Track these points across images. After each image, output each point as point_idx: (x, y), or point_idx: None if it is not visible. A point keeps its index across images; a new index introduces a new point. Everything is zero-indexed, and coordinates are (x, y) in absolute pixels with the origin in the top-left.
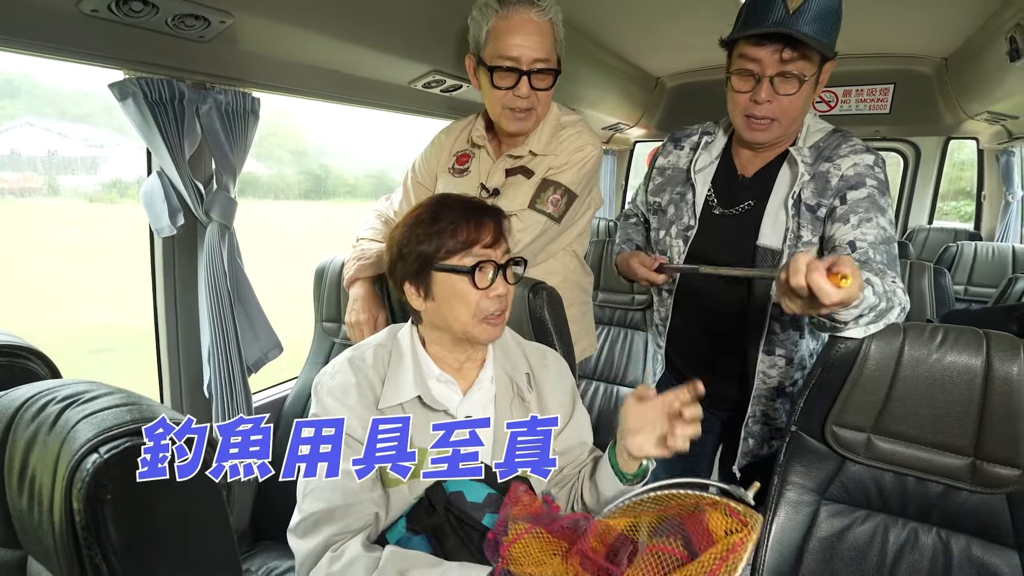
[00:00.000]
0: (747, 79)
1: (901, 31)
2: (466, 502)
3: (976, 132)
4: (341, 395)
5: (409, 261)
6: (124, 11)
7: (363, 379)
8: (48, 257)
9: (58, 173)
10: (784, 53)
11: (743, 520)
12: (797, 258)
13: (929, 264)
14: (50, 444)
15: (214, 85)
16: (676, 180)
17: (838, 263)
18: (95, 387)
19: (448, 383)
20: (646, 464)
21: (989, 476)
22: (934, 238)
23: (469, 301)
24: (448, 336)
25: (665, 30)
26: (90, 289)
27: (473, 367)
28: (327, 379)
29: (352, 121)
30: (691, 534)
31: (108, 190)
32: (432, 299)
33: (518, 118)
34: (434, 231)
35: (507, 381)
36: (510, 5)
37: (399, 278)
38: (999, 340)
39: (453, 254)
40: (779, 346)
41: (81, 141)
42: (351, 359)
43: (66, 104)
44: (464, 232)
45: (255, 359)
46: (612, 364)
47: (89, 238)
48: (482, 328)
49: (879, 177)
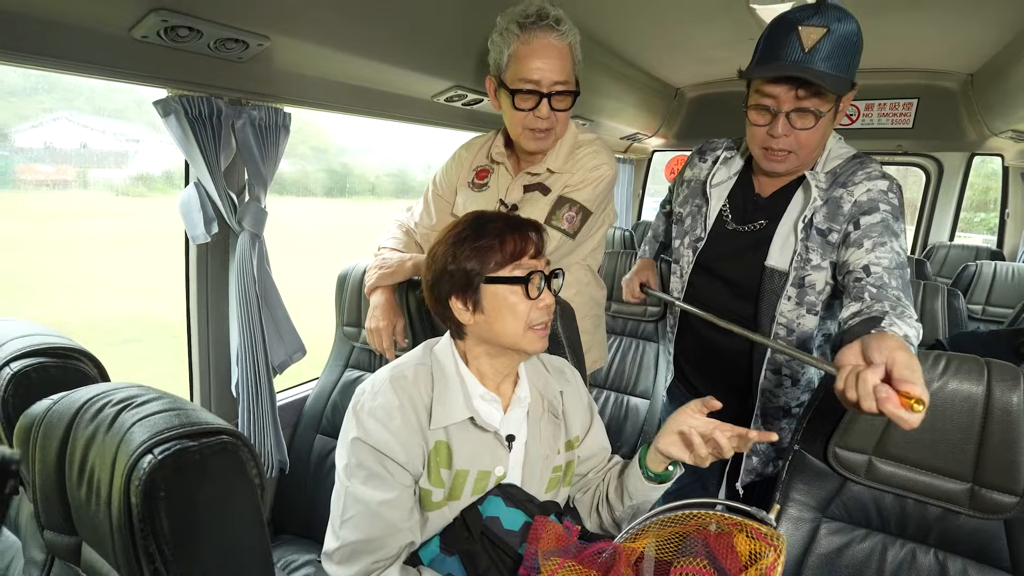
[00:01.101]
0: (763, 114)
1: (926, 46)
2: (502, 528)
3: (1001, 149)
4: (385, 417)
5: (456, 276)
6: (171, 36)
7: (407, 400)
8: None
9: (89, 167)
10: (799, 91)
11: (771, 543)
12: (865, 379)
13: (943, 286)
14: (107, 443)
15: (249, 101)
16: (696, 192)
17: (904, 383)
18: (144, 391)
19: (492, 401)
20: (672, 469)
21: (987, 502)
22: (954, 255)
23: (519, 312)
24: (493, 350)
25: (685, 42)
26: (117, 280)
27: (509, 384)
28: (368, 399)
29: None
30: (718, 555)
31: (136, 184)
32: (482, 312)
33: (538, 138)
34: (482, 245)
35: (539, 396)
36: (531, 30)
37: (444, 294)
38: (1000, 369)
39: (502, 266)
40: (785, 366)
41: (113, 136)
42: (392, 379)
43: (100, 100)
44: (511, 244)
45: (280, 361)
46: (623, 374)
47: (117, 230)
48: (530, 339)
49: (893, 203)
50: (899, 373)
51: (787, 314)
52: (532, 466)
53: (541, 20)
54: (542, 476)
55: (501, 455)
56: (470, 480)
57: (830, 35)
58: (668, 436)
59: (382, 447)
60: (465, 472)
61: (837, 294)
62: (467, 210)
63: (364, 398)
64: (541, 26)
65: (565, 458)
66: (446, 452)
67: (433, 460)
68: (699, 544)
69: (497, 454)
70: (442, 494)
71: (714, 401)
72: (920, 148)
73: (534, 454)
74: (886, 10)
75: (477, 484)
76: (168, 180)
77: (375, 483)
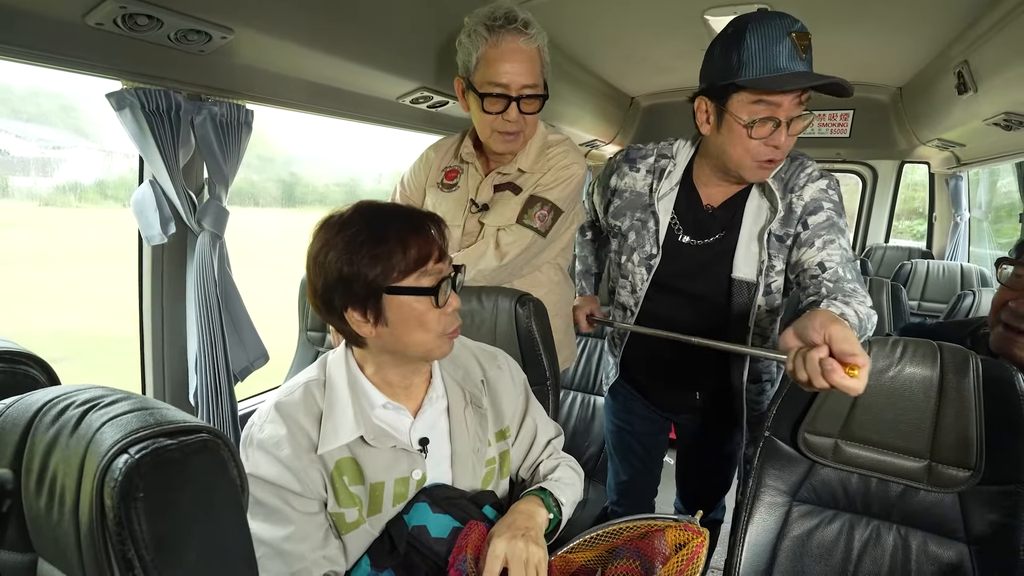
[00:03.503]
0: (767, 124)
1: (861, 60)
2: (430, 537)
3: (928, 157)
4: (273, 448)
5: (355, 286)
6: (129, 25)
7: (294, 426)
8: (0, 261)
9: (9, 174)
10: (803, 95)
11: (697, 531)
12: (812, 358)
13: (887, 281)
14: (73, 447)
15: (210, 97)
16: (636, 205)
17: (846, 356)
18: (110, 392)
19: (396, 409)
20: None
21: (943, 477)
22: (890, 256)
23: (429, 322)
24: (399, 359)
25: (641, 52)
26: (44, 294)
27: (422, 383)
28: (255, 431)
29: (320, 129)
30: (645, 554)
31: (64, 193)
32: (385, 324)
33: (507, 140)
34: (382, 251)
35: (458, 390)
36: (499, 33)
37: (339, 304)
38: (952, 352)
39: (407, 274)
40: (763, 372)
41: (36, 142)
42: (278, 404)
43: (18, 102)
44: (415, 248)
45: (242, 367)
46: (589, 375)
47: (45, 242)
48: (442, 345)
49: (834, 199)
50: (838, 348)
51: (761, 322)
52: (462, 462)
53: (510, 23)
54: (475, 471)
55: (416, 459)
56: (388, 491)
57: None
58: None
59: (275, 479)
60: (380, 484)
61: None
62: (436, 211)
63: (252, 431)
64: (510, 29)
65: (498, 449)
66: (354, 468)
67: (338, 481)
68: (630, 550)
69: (412, 458)
70: (357, 513)
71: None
72: (857, 156)
73: (462, 450)
74: (824, 24)
75: (396, 492)
76: (100, 190)
77: (275, 519)
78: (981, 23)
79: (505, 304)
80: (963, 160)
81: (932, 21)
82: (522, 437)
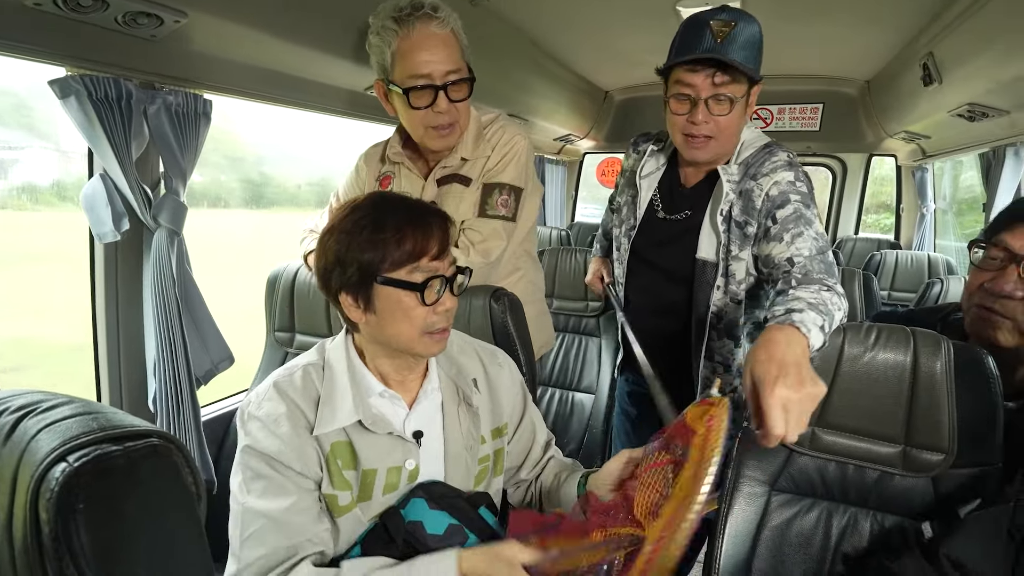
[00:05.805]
0: (684, 102)
1: (829, 54)
2: (426, 534)
3: (895, 150)
4: (272, 424)
5: (349, 270)
6: (71, 5)
7: (293, 406)
8: None
9: None
10: (716, 77)
11: (712, 402)
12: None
13: (859, 271)
14: (5, 457)
15: (163, 85)
16: (631, 182)
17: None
18: (49, 396)
19: (393, 398)
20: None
21: (917, 461)
22: (860, 247)
23: (414, 317)
24: (388, 351)
25: (615, 46)
26: (2, 301)
27: (417, 377)
28: (253, 408)
29: (290, 128)
30: (672, 438)
31: (18, 195)
32: (373, 312)
33: (443, 135)
34: (378, 239)
35: (452, 387)
36: (409, 23)
37: (335, 286)
38: (924, 338)
39: (399, 266)
40: (717, 352)
41: None
42: (277, 383)
43: None
44: (410, 242)
45: (205, 371)
46: (567, 370)
47: None
48: (425, 343)
49: (802, 191)
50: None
51: (717, 303)
52: (455, 460)
53: (416, 11)
54: (468, 469)
55: (410, 449)
56: (379, 479)
57: (738, 29)
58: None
59: (275, 454)
60: (373, 471)
61: (761, 284)
62: None
63: (250, 408)
64: (419, 16)
65: (492, 447)
66: (348, 452)
67: (333, 463)
68: (658, 442)
69: (407, 447)
70: (350, 496)
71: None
72: (826, 149)
73: (454, 447)
74: (793, 18)
75: (388, 482)
76: (58, 192)
77: (276, 491)
78: (946, 14)
79: (479, 301)
80: (928, 152)
81: (899, 12)
82: (521, 436)
